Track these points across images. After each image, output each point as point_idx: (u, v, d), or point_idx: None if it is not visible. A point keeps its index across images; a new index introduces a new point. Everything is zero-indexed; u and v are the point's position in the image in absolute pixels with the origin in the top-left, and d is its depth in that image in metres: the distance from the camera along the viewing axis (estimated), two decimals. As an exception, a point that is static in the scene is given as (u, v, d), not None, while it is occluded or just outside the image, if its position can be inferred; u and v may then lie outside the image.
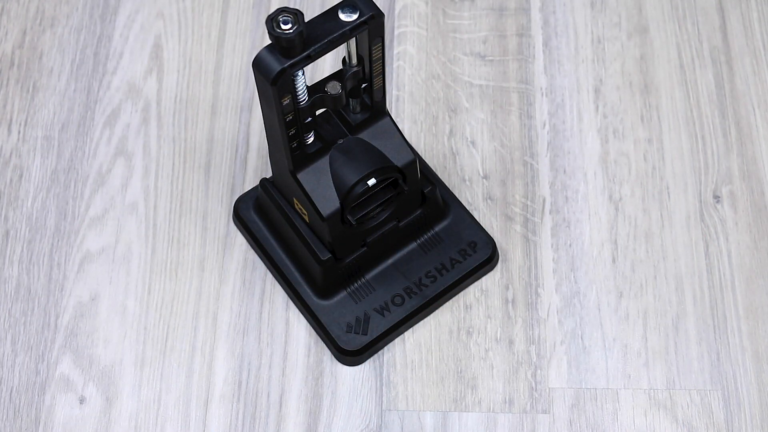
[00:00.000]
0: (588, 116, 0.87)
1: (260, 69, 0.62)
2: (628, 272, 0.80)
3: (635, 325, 0.78)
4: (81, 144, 0.86)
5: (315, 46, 0.62)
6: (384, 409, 0.75)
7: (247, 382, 0.76)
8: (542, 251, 0.81)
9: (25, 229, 0.82)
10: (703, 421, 0.75)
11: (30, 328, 0.78)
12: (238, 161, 0.85)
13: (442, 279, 0.78)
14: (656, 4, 0.92)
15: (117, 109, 0.88)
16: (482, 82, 0.88)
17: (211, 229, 0.82)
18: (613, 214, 0.82)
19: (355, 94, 0.70)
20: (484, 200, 0.83)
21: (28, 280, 0.80)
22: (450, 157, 0.85)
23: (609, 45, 0.90)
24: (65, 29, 0.91)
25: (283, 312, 0.79)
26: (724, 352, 0.77)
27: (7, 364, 0.77)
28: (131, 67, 0.89)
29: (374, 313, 0.77)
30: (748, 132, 0.86)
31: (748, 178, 0.83)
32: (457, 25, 0.91)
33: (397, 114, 0.87)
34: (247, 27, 0.92)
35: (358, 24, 0.63)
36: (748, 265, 0.80)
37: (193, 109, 0.88)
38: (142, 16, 0.92)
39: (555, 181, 0.84)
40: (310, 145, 0.70)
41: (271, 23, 0.60)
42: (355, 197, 0.71)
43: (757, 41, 0.90)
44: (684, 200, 0.83)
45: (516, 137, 0.86)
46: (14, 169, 0.85)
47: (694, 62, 0.89)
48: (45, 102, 0.88)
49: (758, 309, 0.78)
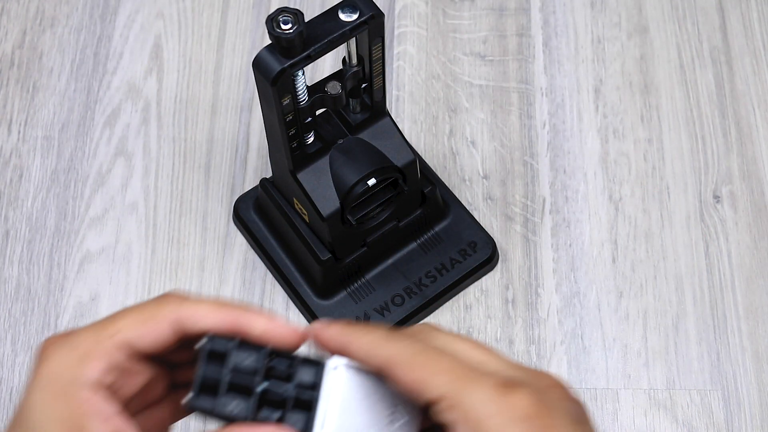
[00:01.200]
0: (588, 116, 0.87)
1: (260, 69, 0.62)
2: (628, 272, 0.80)
3: (635, 325, 0.78)
4: (81, 144, 0.86)
5: (315, 46, 0.62)
6: (384, 409, 0.75)
7: (247, 382, 0.76)
8: (542, 251, 0.81)
9: (25, 229, 0.82)
10: (703, 421, 0.75)
11: (30, 328, 0.78)
12: (238, 161, 0.85)
13: (442, 279, 0.78)
14: (656, 4, 0.92)
15: (117, 109, 0.88)
16: (482, 82, 0.88)
17: (211, 229, 0.82)
18: (613, 214, 0.82)
19: (355, 94, 0.70)
20: (484, 200, 0.83)
21: (28, 280, 0.80)
22: (450, 157, 0.85)
23: (609, 45, 0.90)
24: (65, 29, 0.91)
25: (283, 312, 0.79)
26: (724, 352, 0.77)
27: (7, 364, 0.77)
28: (131, 67, 0.89)
29: (374, 313, 0.77)
30: (748, 132, 0.86)
31: (748, 178, 0.83)
32: (457, 25, 0.91)
33: (397, 114, 0.87)
34: (247, 27, 0.92)
35: (358, 24, 0.63)
36: (748, 265, 0.80)
37: (193, 109, 0.88)
38: (142, 16, 0.92)
39: (555, 181, 0.84)
40: (310, 145, 0.70)
41: (271, 23, 0.60)
42: (355, 197, 0.71)
43: (757, 41, 0.90)
44: (684, 200, 0.83)
45: (516, 137, 0.86)
46: (14, 169, 0.85)
47: (694, 62, 0.89)
48: (45, 102, 0.88)
49: (758, 309, 0.78)
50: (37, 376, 0.47)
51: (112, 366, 0.47)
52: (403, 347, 0.46)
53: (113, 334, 0.48)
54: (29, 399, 0.47)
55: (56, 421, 0.46)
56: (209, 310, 0.48)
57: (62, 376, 0.47)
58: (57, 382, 0.47)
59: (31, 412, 0.47)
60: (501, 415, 0.43)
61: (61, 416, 0.46)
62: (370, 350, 0.47)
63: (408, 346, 0.46)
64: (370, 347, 0.47)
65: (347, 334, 0.48)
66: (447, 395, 0.44)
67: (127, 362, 0.48)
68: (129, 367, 0.48)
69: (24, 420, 0.47)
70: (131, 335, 0.48)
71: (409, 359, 0.46)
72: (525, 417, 0.43)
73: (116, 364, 0.47)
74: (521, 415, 0.43)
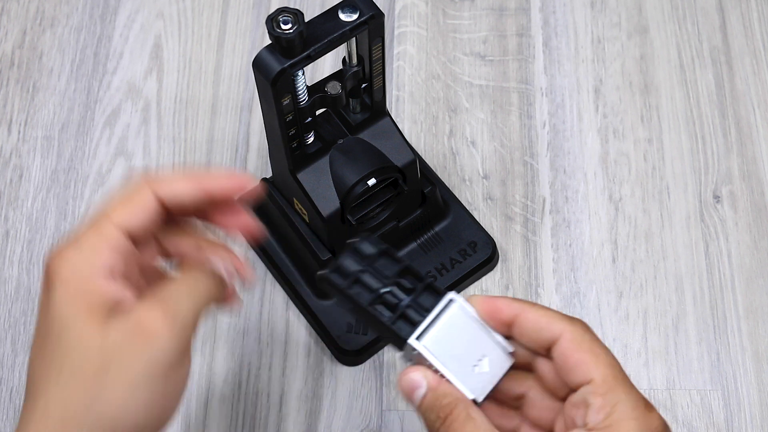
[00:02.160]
0: (588, 116, 0.87)
1: (260, 69, 0.62)
2: (628, 272, 0.80)
3: (635, 325, 0.78)
4: (81, 144, 0.86)
5: (315, 46, 0.62)
6: (384, 409, 0.75)
7: (247, 382, 0.76)
8: (542, 251, 0.81)
9: (25, 229, 0.82)
10: (703, 421, 0.75)
11: (30, 328, 0.78)
12: (238, 161, 0.85)
13: (442, 279, 0.78)
14: (656, 4, 0.92)
15: (117, 109, 0.88)
16: (482, 82, 0.88)
17: (210, 230, 0.82)
18: (613, 214, 0.82)
19: (355, 94, 0.70)
20: (484, 200, 0.83)
21: (28, 280, 0.80)
22: (450, 157, 0.85)
23: (609, 45, 0.90)
24: (65, 29, 0.91)
25: (283, 312, 0.79)
26: (724, 352, 0.77)
27: (7, 364, 0.77)
28: (131, 67, 0.89)
29: (374, 313, 0.77)
30: (748, 132, 0.86)
31: (748, 178, 0.83)
32: (457, 25, 0.91)
33: (397, 114, 0.87)
34: (247, 27, 0.92)
35: (358, 24, 0.63)
36: (748, 265, 0.80)
37: (193, 109, 0.88)
38: (142, 16, 0.92)
39: (555, 181, 0.84)
40: (310, 145, 0.70)
41: (271, 23, 0.60)
42: (355, 197, 0.71)
43: (757, 41, 0.90)
44: (684, 200, 0.83)
45: (516, 137, 0.86)
46: (14, 169, 0.85)
47: (694, 62, 0.89)
48: (45, 102, 0.88)
49: (758, 309, 0.78)
50: (54, 282, 0.50)
51: (117, 252, 0.52)
52: (574, 328, 0.52)
53: (108, 224, 0.52)
54: (51, 303, 0.50)
55: (82, 311, 0.50)
56: (180, 182, 0.54)
57: (77, 274, 0.50)
58: (74, 280, 0.50)
59: (57, 311, 0.50)
60: (640, 424, 0.50)
61: (87, 305, 0.50)
62: (543, 323, 0.52)
63: (578, 329, 0.52)
64: (543, 320, 0.52)
65: (519, 306, 0.53)
66: (604, 384, 0.51)
67: (127, 246, 0.52)
68: (129, 250, 0.52)
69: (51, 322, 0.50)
70: (123, 220, 0.52)
71: (579, 339, 0.51)
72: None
73: (120, 249, 0.52)
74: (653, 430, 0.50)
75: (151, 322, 0.50)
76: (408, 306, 0.54)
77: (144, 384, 0.49)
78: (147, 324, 0.50)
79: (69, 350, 0.50)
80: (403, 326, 0.54)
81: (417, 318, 0.54)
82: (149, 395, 0.50)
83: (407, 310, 0.54)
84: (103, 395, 0.49)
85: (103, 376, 0.49)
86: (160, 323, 0.50)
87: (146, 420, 0.50)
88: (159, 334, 0.50)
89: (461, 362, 0.53)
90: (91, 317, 0.50)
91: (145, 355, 0.49)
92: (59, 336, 0.50)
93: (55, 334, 0.50)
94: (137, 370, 0.49)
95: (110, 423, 0.49)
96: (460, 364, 0.53)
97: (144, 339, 0.49)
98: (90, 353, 0.49)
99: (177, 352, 0.50)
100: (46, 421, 0.50)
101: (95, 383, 0.49)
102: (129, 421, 0.49)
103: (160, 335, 0.50)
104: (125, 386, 0.49)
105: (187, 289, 0.53)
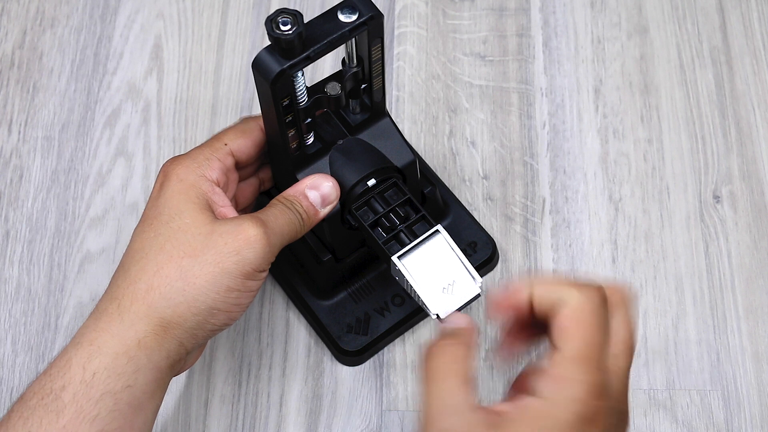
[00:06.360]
0: (588, 116, 0.87)
1: (260, 70, 0.62)
2: (628, 272, 0.80)
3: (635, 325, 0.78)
4: (81, 144, 0.86)
5: (314, 47, 0.62)
6: (384, 409, 0.75)
7: (247, 382, 0.76)
8: (542, 251, 0.81)
9: (25, 230, 0.82)
10: (703, 421, 0.75)
11: (30, 329, 0.79)
12: (238, 161, 0.85)
13: (442, 279, 0.78)
14: (656, 4, 0.92)
15: (117, 109, 0.88)
16: (482, 82, 0.88)
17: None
18: (613, 215, 0.82)
19: (354, 94, 0.70)
20: (484, 200, 0.83)
21: (28, 280, 0.80)
22: (450, 157, 0.85)
23: (609, 45, 0.90)
24: (65, 29, 0.91)
25: (283, 312, 0.79)
26: (724, 352, 0.77)
27: (7, 364, 0.77)
28: (131, 67, 0.90)
29: (374, 313, 0.77)
30: (748, 132, 0.86)
31: (748, 178, 0.83)
32: (457, 25, 0.91)
33: (397, 114, 0.87)
34: (247, 27, 0.92)
35: (358, 25, 0.63)
36: (748, 265, 0.80)
37: (193, 109, 0.88)
38: (142, 16, 0.92)
39: (555, 182, 0.84)
40: (310, 146, 0.70)
41: (271, 24, 0.60)
42: (355, 197, 0.71)
43: (757, 41, 0.90)
44: (684, 200, 0.83)
45: (516, 137, 0.86)
46: (14, 169, 0.85)
47: (694, 62, 0.89)
48: (45, 102, 0.88)
49: (758, 309, 0.78)
50: (171, 179, 0.63)
51: (224, 169, 0.65)
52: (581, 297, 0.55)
53: (221, 143, 0.66)
54: (166, 193, 0.63)
55: (195, 204, 0.62)
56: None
57: (189, 176, 0.63)
58: (186, 181, 0.63)
59: (170, 200, 0.62)
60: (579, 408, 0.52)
61: (198, 201, 0.62)
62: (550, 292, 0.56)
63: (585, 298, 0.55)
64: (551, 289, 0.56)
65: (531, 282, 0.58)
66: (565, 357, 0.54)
67: (231, 165, 0.66)
68: (232, 169, 0.67)
69: (161, 209, 0.62)
70: (234, 143, 0.67)
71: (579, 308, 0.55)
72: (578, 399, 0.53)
73: (227, 167, 0.66)
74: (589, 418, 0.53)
75: (253, 232, 0.61)
76: (401, 231, 0.67)
77: (229, 275, 0.60)
78: (249, 232, 0.61)
79: (177, 231, 0.61)
80: (393, 246, 0.67)
81: (406, 241, 0.66)
82: (229, 285, 0.61)
83: (400, 234, 0.67)
84: (194, 270, 0.60)
85: (200, 256, 0.60)
86: (261, 236, 0.61)
87: (218, 305, 0.61)
88: (257, 242, 0.61)
89: (433, 282, 0.64)
90: (202, 210, 0.62)
91: (240, 254, 0.61)
92: (170, 219, 0.61)
93: (165, 217, 0.61)
94: (230, 261, 0.60)
95: (190, 296, 0.60)
96: (432, 284, 0.64)
97: (243, 241, 0.61)
98: (197, 236, 0.61)
99: (264, 261, 0.62)
100: (136, 284, 0.60)
101: (191, 260, 0.60)
102: (205, 301, 0.60)
103: (257, 243, 0.61)
104: (215, 270, 0.60)
105: (283, 218, 0.64)
